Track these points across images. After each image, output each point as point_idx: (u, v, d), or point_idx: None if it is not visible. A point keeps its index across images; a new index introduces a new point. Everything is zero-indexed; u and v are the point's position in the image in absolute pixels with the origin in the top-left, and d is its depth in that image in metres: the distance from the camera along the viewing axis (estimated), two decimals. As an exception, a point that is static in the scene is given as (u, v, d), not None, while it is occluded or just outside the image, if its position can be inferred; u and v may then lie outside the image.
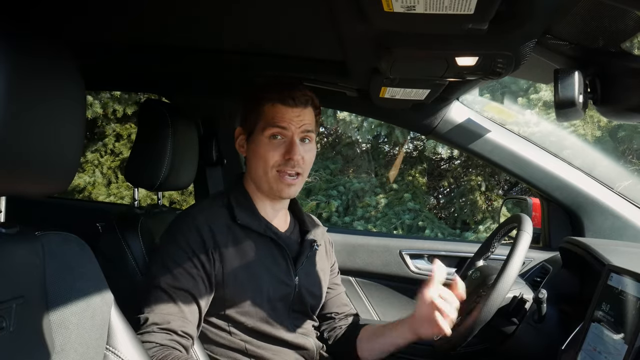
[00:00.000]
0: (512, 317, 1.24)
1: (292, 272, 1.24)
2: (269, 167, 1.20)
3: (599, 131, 4.42)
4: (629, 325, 0.92)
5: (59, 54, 0.68)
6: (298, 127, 1.20)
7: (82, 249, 0.79)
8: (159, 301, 1.08)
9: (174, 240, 1.15)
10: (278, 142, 1.20)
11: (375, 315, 1.86)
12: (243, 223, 1.20)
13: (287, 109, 1.20)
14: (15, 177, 0.64)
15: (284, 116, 1.19)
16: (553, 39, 1.04)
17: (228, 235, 1.18)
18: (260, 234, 1.21)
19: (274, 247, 1.23)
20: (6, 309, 0.63)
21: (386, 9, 0.80)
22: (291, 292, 1.23)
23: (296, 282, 1.24)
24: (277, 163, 1.19)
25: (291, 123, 1.19)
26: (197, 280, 1.11)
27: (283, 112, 1.19)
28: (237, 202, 1.23)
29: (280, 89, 1.20)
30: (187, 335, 1.08)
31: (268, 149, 1.20)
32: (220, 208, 1.22)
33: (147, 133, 1.44)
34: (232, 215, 1.20)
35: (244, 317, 1.17)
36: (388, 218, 5.60)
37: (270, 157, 1.19)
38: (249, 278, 1.17)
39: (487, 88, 4.19)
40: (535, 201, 1.79)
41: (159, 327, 1.05)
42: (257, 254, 1.20)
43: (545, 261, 1.64)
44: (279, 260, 1.23)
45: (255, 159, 1.22)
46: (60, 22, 1.27)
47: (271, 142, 1.20)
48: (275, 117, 1.19)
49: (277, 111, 1.20)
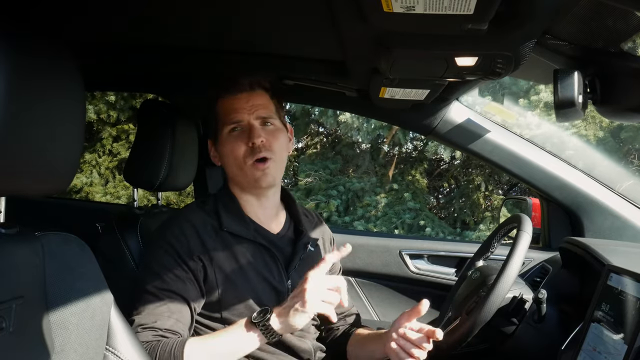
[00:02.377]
0: (512, 317, 1.24)
1: (283, 277, 1.21)
2: (239, 160, 1.19)
3: (601, 131, 4.42)
4: (629, 325, 0.92)
5: (59, 54, 0.68)
6: (251, 113, 1.19)
7: (81, 250, 0.79)
8: (146, 303, 1.07)
9: (161, 244, 1.14)
10: (238, 134, 1.19)
11: (375, 316, 1.86)
12: (231, 231, 1.18)
13: (234, 99, 1.20)
14: (15, 177, 0.64)
15: (233, 106, 1.19)
16: (553, 39, 1.04)
17: (217, 240, 1.16)
18: (250, 240, 1.20)
19: (264, 252, 1.21)
20: (6, 309, 0.63)
21: (386, 9, 0.80)
22: (284, 298, 1.20)
23: (289, 287, 1.21)
24: (245, 153, 1.18)
25: (243, 111, 1.19)
26: (185, 282, 1.10)
27: (232, 103, 1.20)
28: (224, 207, 1.21)
29: (222, 81, 1.21)
30: (177, 333, 1.07)
31: (231, 143, 1.19)
32: (209, 213, 1.20)
33: (147, 133, 1.44)
34: (219, 221, 1.19)
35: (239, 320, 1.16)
36: (388, 217, 5.60)
37: (236, 149, 1.18)
38: (242, 281, 1.16)
39: (488, 89, 4.19)
40: (535, 201, 1.79)
41: (143, 327, 1.05)
42: (248, 259, 1.18)
43: (545, 261, 1.64)
44: (270, 265, 1.21)
45: (226, 158, 1.22)
46: (60, 22, 1.27)
47: (232, 135, 1.20)
48: (227, 110, 1.20)
49: (227, 104, 1.20)
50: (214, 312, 1.15)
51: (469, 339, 1.17)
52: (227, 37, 1.34)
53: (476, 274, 1.33)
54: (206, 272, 1.13)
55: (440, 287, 1.79)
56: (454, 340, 1.19)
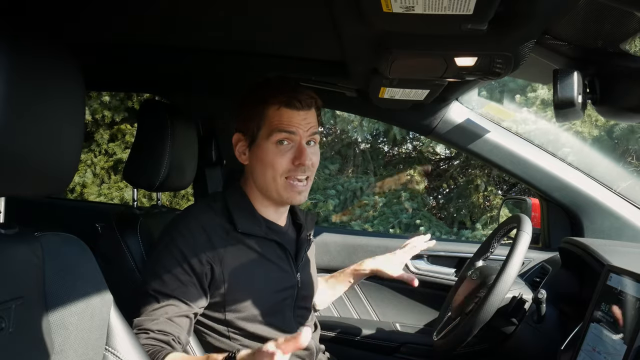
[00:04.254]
0: (511, 318, 1.24)
1: (293, 270, 1.23)
2: (277, 174, 1.15)
3: (596, 130, 4.41)
4: (628, 325, 0.92)
5: (60, 55, 0.68)
6: (306, 131, 1.15)
7: (81, 250, 0.79)
8: (152, 307, 1.06)
9: (166, 245, 1.12)
10: (285, 148, 1.15)
11: (375, 316, 1.86)
12: (244, 231, 1.16)
13: (293, 113, 1.14)
14: (14, 177, 0.64)
15: (291, 120, 1.13)
16: (552, 39, 1.04)
17: (227, 240, 1.14)
18: (262, 237, 1.19)
19: (276, 247, 1.21)
20: (5, 309, 0.63)
21: (385, 10, 0.80)
22: (294, 290, 1.22)
23: (298, 279, 1.23)
24: (287, 170, 1.15)
25: (299, 127, 1.14)
26: (187, 286, 1.08)
27: (290, 116, 1.14)
28: (235, 205, 1.19)
29: (284, 91, 1.14)
30: (178, 340, 1.06)
31: (276, 155, 1.14)
32: (218, 212, 1.17)
33: (147, 133, 1.44)
34: (230, 221, 1.16)
35: (244, 322, 1.15)
36: (386, 217, 5.60)
37: (279, 164, 1.14)
38: (252, 282, 1.15)
39: (485, 87, 4.20)
40: (534, 201, 1.79)
41: (149, 333, 1.03)
42: (259, 257, 1.17)
43: (544, 261, 1.64)
44: (282, 260, 1.21)
45: (261, 166, 1.16)
46: (60, 22, 1.27)
47: (278, 148, 1.14)
48: (282, 121, 1.13)
49: (283, 115, 1.14)
50: (217, 312, 1.15)
51: (468, 339, 1.17)
52: (227, 37, 1.34)
53: (476, 274, 1.33)
54: (213, 274, 1.11)
55: (440, 287, 1.79)
56: (454, 340, 1.19)
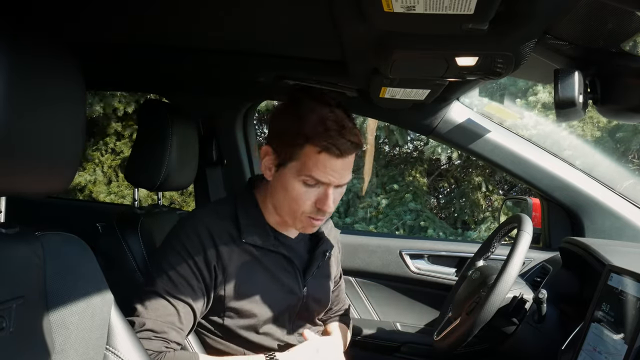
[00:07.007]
0: (512, 317, 1.24)
1: (300, 284, 1.20)
2: (298, 212, 1.11)
3: (598, 131, 4.42)
4: (629, 325, 0.92)
5: (60, 54, 0.68)
6: (338, 179, 1.07)
7: (82, 249, 0.79)
8: (158, 308, 1.06)
9: (176, 247, 1.10)
10: (312, 190, 1.08)
11: (375, 316, 1.86)
12: (249, 242, 1.14)
13: (332, 160, 1.05)
14: (15, 177, 0.64)
15: (326, 168, 1.05)
16: (553, 39, 1.04)
17: (233, 249, 1.12)
18: (268, 249, 1.16)
19: (283, 260, 1.18)
20: (6, 309, 0.63)
21: (386, 9, 0.80)
22: (297, 303, 1.20)
23: (304, 293, 1.20)
24: (308, 208, 1.10)
25: (332, 176, 1.06)
26: (196, 291, 1.08)
27: (325, 164, 1.04)
28: (245, 214, 1.16)
29: (331, 131, 1.03)
30: (179, 344, 1.07)
31: (300, 194, 1.08)
32: (226, 218, 1.15)
33: (147, 133, 1.44)
34: (237, 228, 1.14)
35: (242, 330, 1.15)
36: (389, 219, 5.60)
37: (302, 201, 1.09)
38: (254, 294, 1.14)
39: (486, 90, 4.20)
40: (535, 201, 1.79)
41: (156, 335, 1.03)
42: (262, 268, 1.15)
43: (545, 261, 1.64)
44: (287, 272, 1.19)
45: (283, 194, 1.11)
46: (60, 22, 1.27)
47: (305, 188, 1.08)
48: (318, 168, 1.05)
49: (320, 161, 1.04)
50: (216, 317, 1.15)
51: (469, 339, 1.17)
52: (227, 37, 1.34)
53: (476, 274, 1.33)
54: (216, 278, 1.11)
55: (440, 287, 1.79)
56: (454, 340, 1.19)
